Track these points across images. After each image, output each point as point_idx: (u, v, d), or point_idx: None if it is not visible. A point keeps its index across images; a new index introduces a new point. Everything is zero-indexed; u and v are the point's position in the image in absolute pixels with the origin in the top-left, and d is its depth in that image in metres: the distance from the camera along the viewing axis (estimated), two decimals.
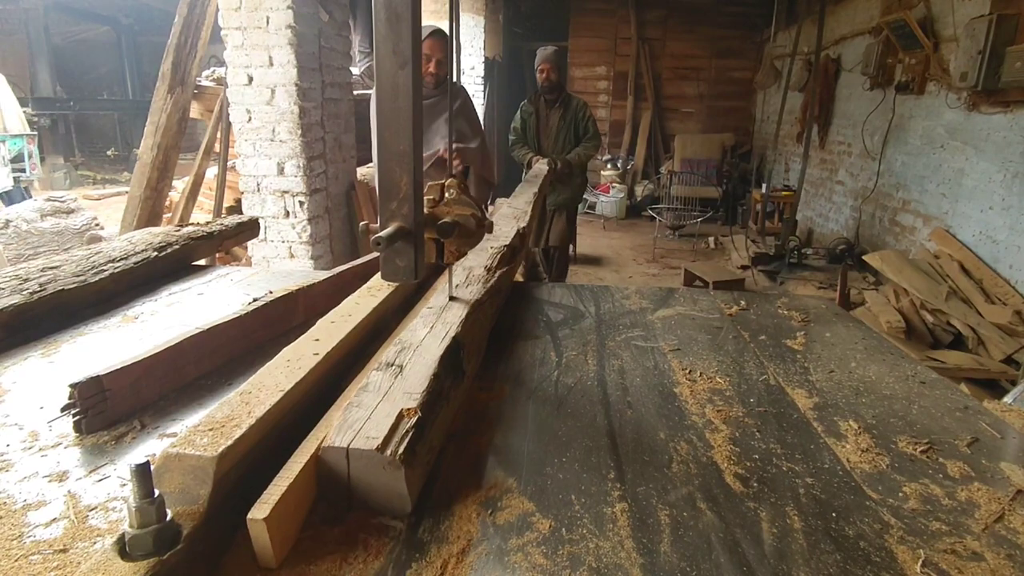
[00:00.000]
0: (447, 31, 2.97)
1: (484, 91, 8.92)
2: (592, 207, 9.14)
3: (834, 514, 0.80)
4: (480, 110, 8.87)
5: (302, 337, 1.03)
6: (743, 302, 1.66)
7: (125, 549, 0.59)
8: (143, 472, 0.59)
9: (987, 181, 4.09)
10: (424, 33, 2.87)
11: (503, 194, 5.13)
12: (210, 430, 0.72)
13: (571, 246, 4.89)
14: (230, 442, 0.69)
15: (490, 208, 5.59)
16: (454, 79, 3.34)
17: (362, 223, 1.04)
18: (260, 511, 0.63)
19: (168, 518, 0.62)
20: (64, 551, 0.69)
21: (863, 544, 0.74)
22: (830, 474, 0.89)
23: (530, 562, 0.69)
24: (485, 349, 1.30)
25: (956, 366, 3.33)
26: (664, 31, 9.73)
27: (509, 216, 2.13)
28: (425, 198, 1.18)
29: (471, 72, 8.67)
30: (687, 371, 1.23)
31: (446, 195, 1.19)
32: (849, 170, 6.37)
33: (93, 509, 0.76)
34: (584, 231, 7.80)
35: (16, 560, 0.68)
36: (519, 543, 0.73)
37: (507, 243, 1.70)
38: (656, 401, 1.10)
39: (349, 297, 1.26)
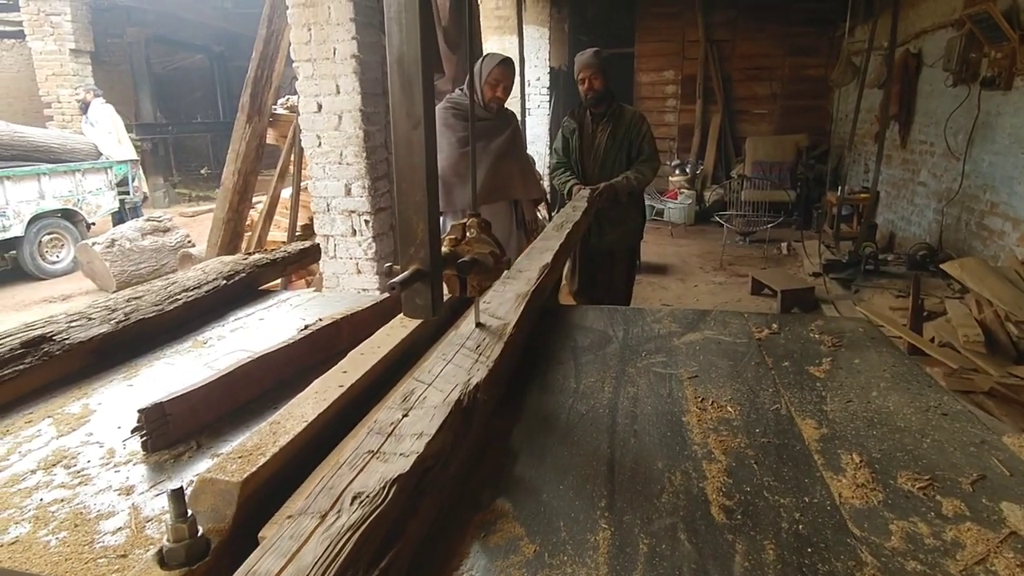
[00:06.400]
0: (510, 49, 3.14)
1: (549, 101, 9.03)
2: (660, 213, 9.04)
3: (810, 550, 0.83)
4: (545, 119, 8.99)
5: (332, 369, 1.15)
6: (775, 325, 1.67)
7: (163, 560, 0.72)
8: (178, 496, 0.72)
9: None
10: (495, 61, 3.06)
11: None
12: (239, 457, 0.84)
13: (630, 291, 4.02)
14: (254, 469, 0.81)
15: (542, 215, 5.51)
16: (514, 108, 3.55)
17: (386, 264, 1.15)
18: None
19: (199, 534, 0.74)
20: (124, 556, 0.83)
21: None
22: (818, 509, 0.91)
23: None
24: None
25: None
26: (733, 32, 9.52)
27: (495, 318, 1.36)
28: (447, 237, 1.28)
29: (536, 83, 8.79)
30: (699, 399, 1.26)
31: (467, 234, 1.29)
32: (932, 171, 6.02)
33: (150, 520, 0.90)
34: (651, 238, 7.71)
35: (86, 562, 0.82)
36: (503, 565, 0.80)
37: (445, 416, 0.91)
38: (661, 430, 1.15)
39: (382, 328, 1.38)
